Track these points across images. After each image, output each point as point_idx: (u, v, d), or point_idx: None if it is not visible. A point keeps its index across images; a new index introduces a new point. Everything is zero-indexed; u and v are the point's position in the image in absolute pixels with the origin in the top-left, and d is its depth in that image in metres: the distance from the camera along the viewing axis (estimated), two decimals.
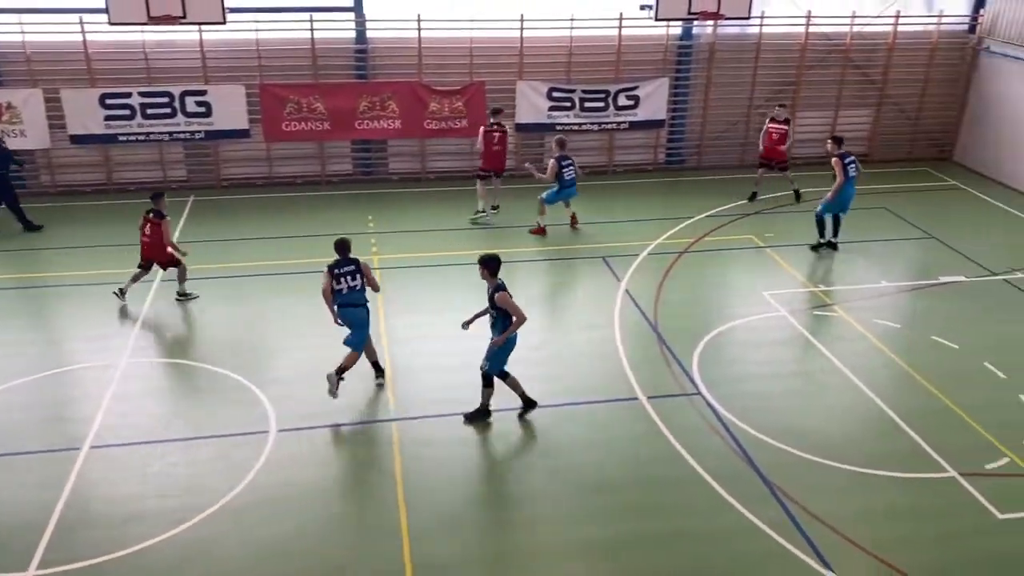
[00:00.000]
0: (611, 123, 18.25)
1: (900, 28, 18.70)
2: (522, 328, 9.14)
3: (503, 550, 8.04)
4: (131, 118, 16.49)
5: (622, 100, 18.06)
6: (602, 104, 18.04)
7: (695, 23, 17.81)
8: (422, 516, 8.35)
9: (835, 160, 14.24)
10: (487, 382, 9.69)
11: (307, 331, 11.77)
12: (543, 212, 15.21)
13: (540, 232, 15.21)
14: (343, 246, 10.17)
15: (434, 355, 11.18)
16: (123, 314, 12.19)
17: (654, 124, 18.50)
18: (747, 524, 8.28)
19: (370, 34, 17.28)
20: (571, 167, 15.04)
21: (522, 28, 17.20)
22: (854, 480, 8.95)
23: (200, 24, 15.80)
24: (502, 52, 17.53)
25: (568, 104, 17.87)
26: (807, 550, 7.97)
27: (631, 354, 11.25)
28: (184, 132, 16.81)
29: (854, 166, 14.37)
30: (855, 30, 18.57)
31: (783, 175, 16.93)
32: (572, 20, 17.33)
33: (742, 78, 18.66)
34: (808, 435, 9.60)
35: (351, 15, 17.09)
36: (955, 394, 10.43)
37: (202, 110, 16.70)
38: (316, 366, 10.87)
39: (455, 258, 14.08)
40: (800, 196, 16.86)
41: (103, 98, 16.28)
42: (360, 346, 10.22)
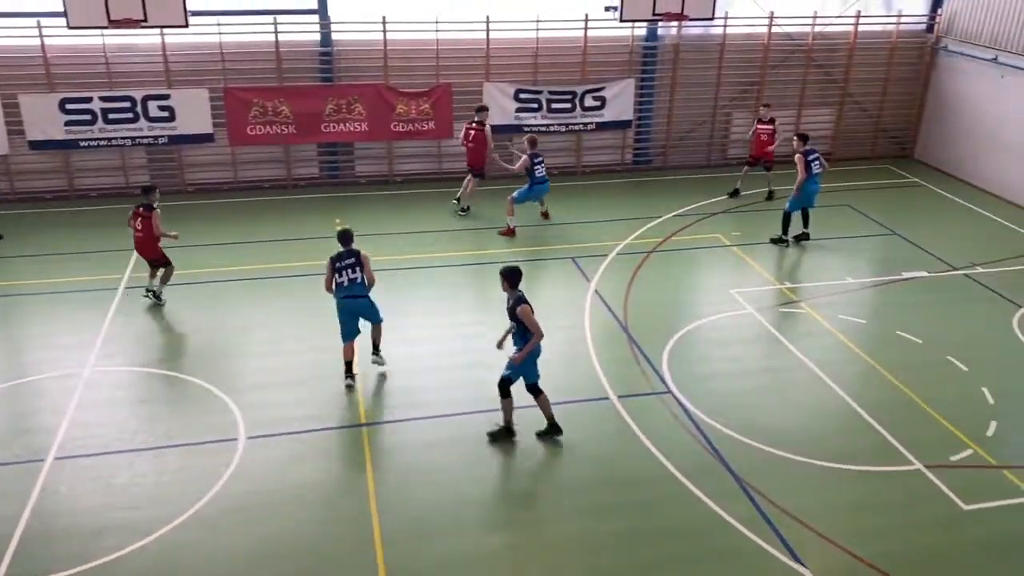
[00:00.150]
0: (578, 124, 18.32)
1: (860, 28, 18.99)
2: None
3: (477, 553, 8.02)
4: (92, 123, 16.23)
5: (589, 101, 18.15)
6: (569, 105, 18.10)
7: (660, 24, 17.92)
8: (395, 521, 8.32)
9: (798, 157, 14.56)
10: (504, 392, 9.33)
11: (276, 337, 11.68)
12: (511, 212, 15.22)
13: (509, 233, 15.21)
14: (346, 237, 10.24)
15: (402, 359, 11.13)
16: (87, 322, 11.98)
17: (621, 125, 18.60)
18: (718, 520, 8.36)
19: (335, 36, 17.17)
20: (542, 164, 15.19)
21: (488, 30, 17.20)
22: (823, 475, 9.07)
23: (162, 27, 15.57)
24: (468, 54, 17.52)
25: (535, 105, 17.90)
26: (777, 544, 8.06)
27: (602, 354, 11.30)
28: (147, 137, 16.59)
29: (818, 163, 14.66)
30: (817, 30, 18.82)
31: (766, 174, 17.16)
32: (538, 22, 17.37)
33: (707, 78, 18.82)
34: (777, 431, 9.71)
35: (315, 18, 16.98)
36: (919, 388, 10.61)
37: (165, 114, 16.49)
38: (286, 372, 10.82)
39: (423, 261, 14.04)
40: (772, 196, 17.06)
41: (63, 103, 16.01)
42: (379, 320, 10.61)
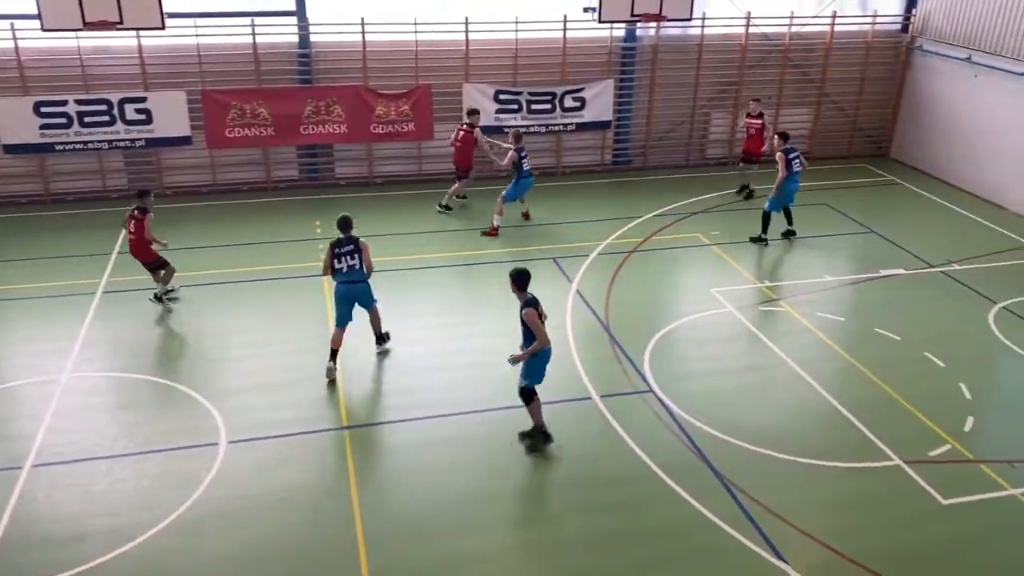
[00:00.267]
0: (558, 125, 18.35)
1: (836, 28, 19.15)
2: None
3: (461, 555, 8.01)
4: (68, 126, 16.07)
5: (568, 102, 18.18)
6: (549, 106, 18.12)
7: (638, 25, 17.99)
8: (379, 524, 8.29)
9: (779, 155, 14.68)
10: (527, 399, 9.30)
11: (257, 340, 11.60)
12: (500, 212, 15.26)
13: (493, 233, 15.22)
14: (346, 224, 10.43)
15: (383, 361, 11.10)
16: (65, 327, 11.85)
17: (600, 125, 18.65)
18: (701, 518, 8.40)
19: (314, 38, 17.10)
20: (527, 158, 15.40)
21: (467, 31, 17.20)
22: (804, 472, 9.13)
23: (138, 29, 15.45)
24: (448, 55, 17.51)
25: (515, 106, 17.91)
26: (760, 542, 8.11)
27: (584, 354, 11.32)
28: (124, 140, 16.44)
29: (798, 161, 14.80)
30: (793, 30, 18.96)
31: (750, 168, 17.29)
32: (517, 23, 17.39)
33: (685, 78, 18.91)
34: (758, 429, 9.77)
35: (294, 19, 16.90)
36: (898, 384, 10.71)
37: (142, 117, 16.35)
38: (266, 376, 10.76)
39: (404, 263, 13.99)
40: (752, 194, 17.15)
41: (38, 106, 15.83)
42: (373, 303, 10.89)
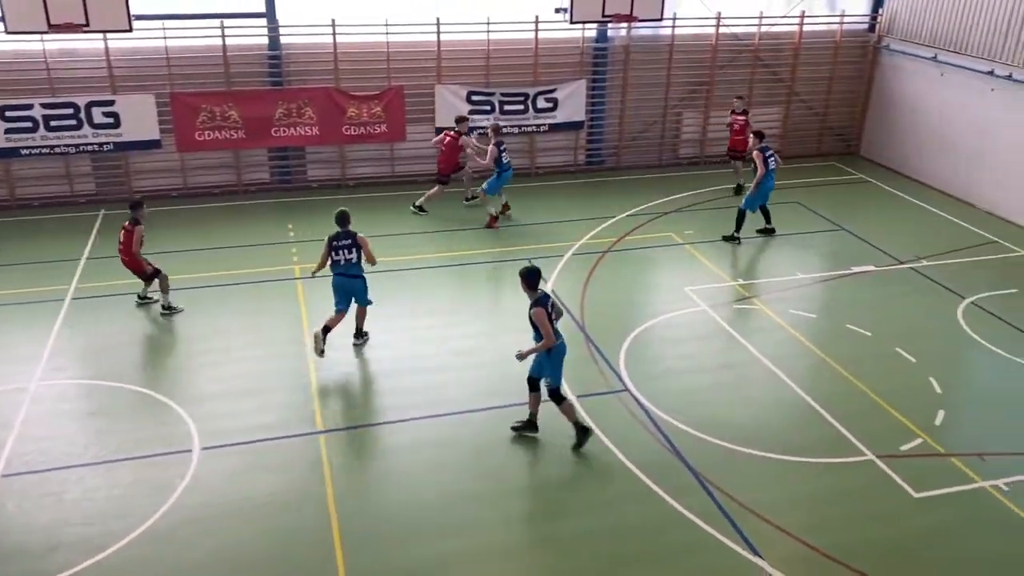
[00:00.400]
0: (531, 125, 18.36)
1: (805, 28, 19.34)
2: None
3: (438, 558, 7.99)
4: (34, 131, 15.82)
5: (541, 103, 18.20)
6: (521, 107, 18.13)
7: (609, 25, 18.06)
8: (355, 528, 8.25)
9: (756, 153, 14.84)
10: (557, 401, 9.37)
11: (230, 346, 11.50)
12: (487, 201, 15.71)
13: (493, 223, 15.65)
14: (343, 218, 10.57)
15: (357, 366, 11.06)
16: (32, 335, 11.66)
17: (573, 126, 18.70)
18: (677, 515, 8.44)
19: (284, 40, 16.98)
20: (506, 151, 15.68)
21: (439, 32, 17.16)
22: (778, 468, 9.22)
23: (105, 32, 15.26)
24: (420, 56, 17.45)
25: (488, 107, 17.90)
26: (736, 538, 8.17)
27: None
28: (91, 144, 16.21)
29: (774, 159, 14.97)
30: (763, 30, 19.13)
31: (747, 166, 17.38)
32: (488, 24, 17.38)
33: (657, 79, 19.00)
34: (733, 426, 9.84)
35: (263, 21, 16.76)
36: (870, 380, 10.84)
37: (110, 121, 16.13)
38: (239, 381, 10.66)
39: (378, 265, 13.89)
40: (741, 190, 17.30)
41: (2, 110, 15.56)
42: (366, 304, 11.09)
